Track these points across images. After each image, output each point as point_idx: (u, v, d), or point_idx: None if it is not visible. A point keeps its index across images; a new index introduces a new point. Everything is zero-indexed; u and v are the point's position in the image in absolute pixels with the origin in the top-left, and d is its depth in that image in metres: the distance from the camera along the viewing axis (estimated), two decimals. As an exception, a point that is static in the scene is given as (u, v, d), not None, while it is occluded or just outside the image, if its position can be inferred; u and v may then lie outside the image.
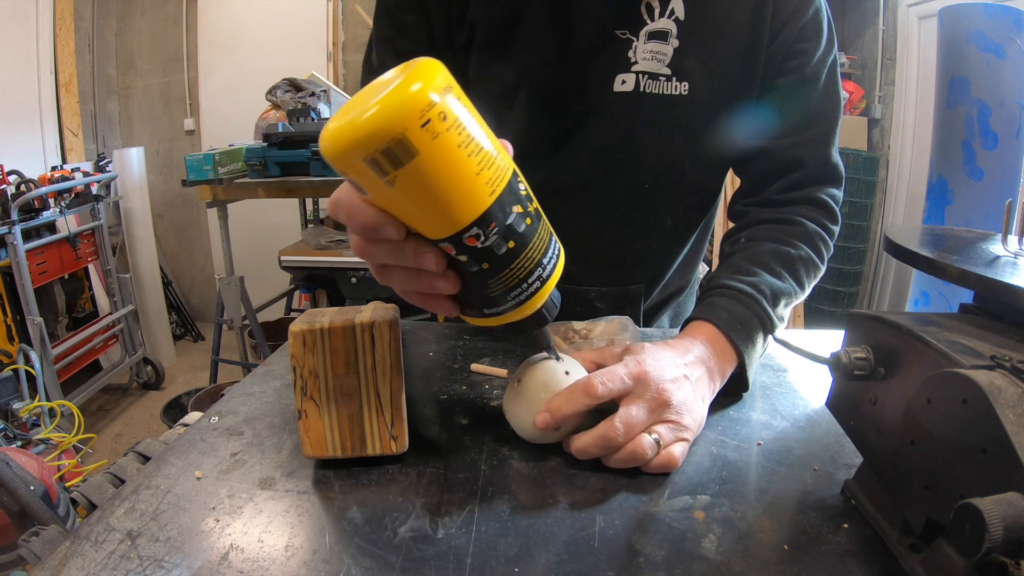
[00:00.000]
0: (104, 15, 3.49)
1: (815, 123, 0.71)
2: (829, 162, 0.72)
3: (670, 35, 0.67)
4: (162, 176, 3.70)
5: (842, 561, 0.39)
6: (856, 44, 3.13)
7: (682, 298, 0.90)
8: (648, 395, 0.49)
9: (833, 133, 0.72)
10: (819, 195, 0.71)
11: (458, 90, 0.36)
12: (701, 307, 0.62)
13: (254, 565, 0.39)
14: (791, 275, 0.65)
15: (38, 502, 1.21)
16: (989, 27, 2.04)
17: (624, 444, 0.47)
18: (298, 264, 2.57)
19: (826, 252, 0.70)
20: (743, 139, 0.72)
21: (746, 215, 0.74)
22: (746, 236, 0.70)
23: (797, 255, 0.66)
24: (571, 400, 0.48)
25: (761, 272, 0.63)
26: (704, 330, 0.58)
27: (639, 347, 0.53)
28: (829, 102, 0.71)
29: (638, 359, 0.51)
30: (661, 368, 0.51)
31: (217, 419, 0.57)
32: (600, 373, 0.49)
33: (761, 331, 0.60)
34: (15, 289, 2.29)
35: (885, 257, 3.07)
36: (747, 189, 0.76)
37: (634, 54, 0.67)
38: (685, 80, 0.68)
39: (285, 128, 2.34)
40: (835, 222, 0.72)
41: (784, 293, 0.63)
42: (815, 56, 0.69)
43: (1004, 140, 2.05)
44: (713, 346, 0.57)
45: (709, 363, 0.56)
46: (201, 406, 2.11)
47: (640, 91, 0.68)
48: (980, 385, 0.31)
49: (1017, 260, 0.41)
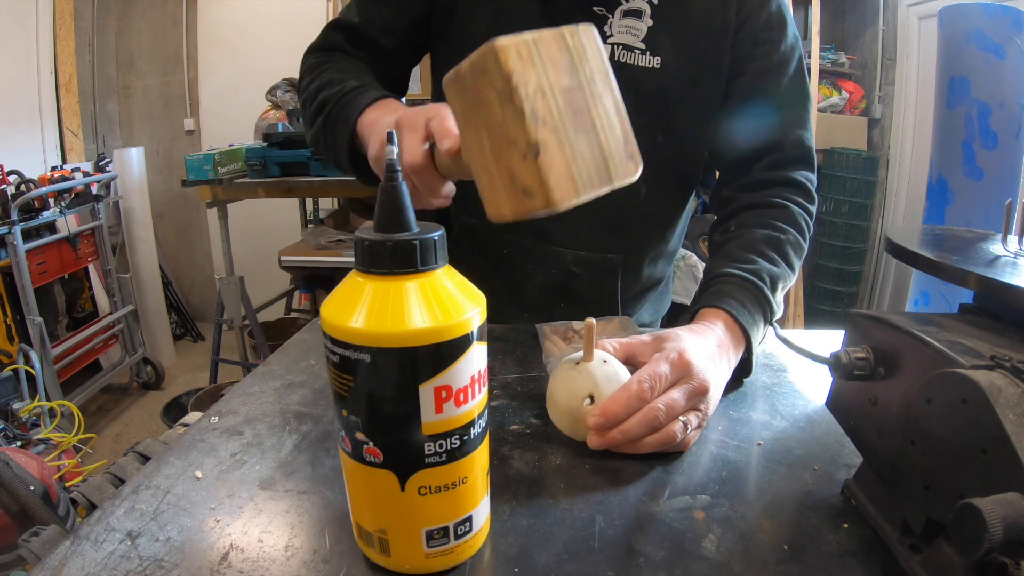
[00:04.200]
0: (104, 15, 3.48)
1: (788, 107, 0.76)
2: (804, 144, 0.77)
3: (644, 14, 0.72)
4: (162, 176, 3.69)
5: (842, 561, 0.39)
6: (856, 44, 3.13)
7: (659, 291, 0.94)
8: (690, 383, 0.51)
9: (805, 119, 0.77)
10: (797, 176, 0.76)
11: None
12: (709, 296, 0.64)
13: (254, 565, 0.39)
14: (783, 259, 0.69)
15: (38, 502, 1.21)
16: (989, 27, 2.04)
17: (664, 426, 0.49)
18: (298, 264, 2.56)
19: (808, 232, 0.75)
20: (713, 116, 0.77)
21: (731, 201, 0.77)
22: (736, 223, 0.74)
23: (786, 239, 0.70)
24: (628, 407, 0.49)
25: (758, 259, 0.67)
26: (719, 318, 0.61)
27: (669, 335, 0.56)
28: (799, 89, 0.76)
29: (679, 349, 0.53)
30: (701, 358, 0.53)
31: (217, 419, 0.57)
32: (647, 375, 0.50)
33: (763, 317, 0.64)
34: (15, 289, 2.29)
35: (885, 257, 3.07)
36: (728, 175, 0.80)
37: (609, 28, 0.72)
38: (658, 55, 0.73)
39: (285, 128, 2.34)
40: (812, 203, 0.77)
41: (780, 278, 0.67)
42: (781, 45, 0.74)
43: (1004, 140, 2.05)
44: (729, 333, 0.60)
45: (729, 351, 0.59)
46: (201, 406, 2.11)
47: (615, 60, 0.72)
48: (980, 385, 0.31)
49: (1017, 260, 0.41)
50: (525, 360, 0.69)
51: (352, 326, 0.33)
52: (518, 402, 0.60)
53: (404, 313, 0.33)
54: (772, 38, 0.73)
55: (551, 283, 0.82)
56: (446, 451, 0.36)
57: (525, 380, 0.64)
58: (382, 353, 0.33)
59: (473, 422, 0.37)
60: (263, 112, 2.70)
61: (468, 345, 0.35)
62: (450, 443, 0.36)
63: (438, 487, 0.36)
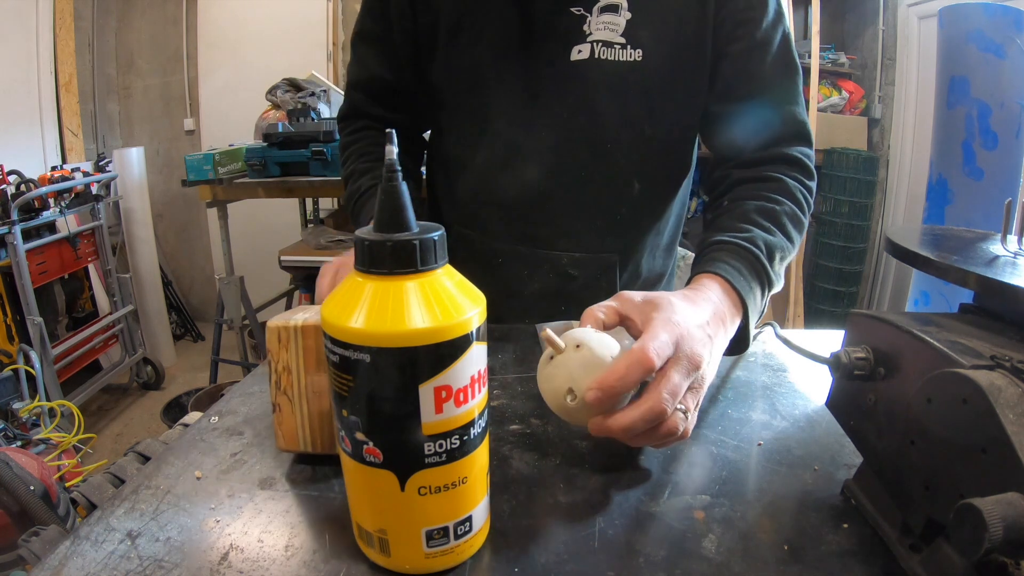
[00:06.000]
0: (104, 15, 3.48)
1: (775, 85, 0.74)
2: (797, 119, 0.74)
3: (621, 8, 0.71)
4: (162, 176, 3.69)
5: (842, 561, 0.39)
6: (856, 44, 3.13)
7: (663, 286, 0.92)
8: (684, 360, 0.46)
9: (795, 94, 0.75)
10: (792, 152, 0.73)
11: None
12: (703, 263, 0.61)
13: (254, 565, 0.39)
14: (780, 229, 0.66)
15: (38, 502, 1.21)
16: (989, 27, 2.04)
17: (670, 416, 0.44)
18: (298, 264, 2.56)
19: (807, 207, 0.72)
20: (701, 103, 0.76)
21: (724, 180, 0.76)
22: (728, 199, 0.72)
23: (782, 210, 0.67)
24: (627, 376, 0.43)
25: (752, 228, 0.64)
26: (715, 282, 0.57)
27: (662, 300, 0.50)
28: (786, 66, 0.74)
29: (672, 319, 0.48)
30: (692, 329, 0.48)
31: (217, 419, 0.57)
32: (651, 342, 0.45)
33: (759, 286, 0.60)
34: (15, 289, 2.29)
35: (885, 257, 3.07)
36: (721, 156, 0.78)
37: (588, 27, 0.72)
38: (639, 48, 0.72)
39: (285, 128, 2.33)
40: (811, 178, 0.74)
41: (777, 247, 0.64)
42: (763, 23, 0.72)
43: (1004, 140, 2.05)
44: (726, 299, 0.56)
45: (724, 320, 0.54)
46: (201, 406, 2.11)
47: (596, 58, 0.72)
48: (980, 385, 0.31)
49: (1017, 260, 0.40)
50: (525, 360, 0.69)
51: (352, 326, 0.33)
52: (518, 402, 0.60)
53: (404, 313, 0.33)
54: (753, 17, 0.72)
55: (548, 287, 0.82)
56: (446, 451, 0.36)
57: (525, 380, 0.64)
58: (382, 353, 0.33)
59: (473, 422, 0.37)
60: (263, 112, 2.69)
61: (468, 345, 0.35)
62: (450, 443, 0.36)
63: (438, 487, 0.36)
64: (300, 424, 0.48)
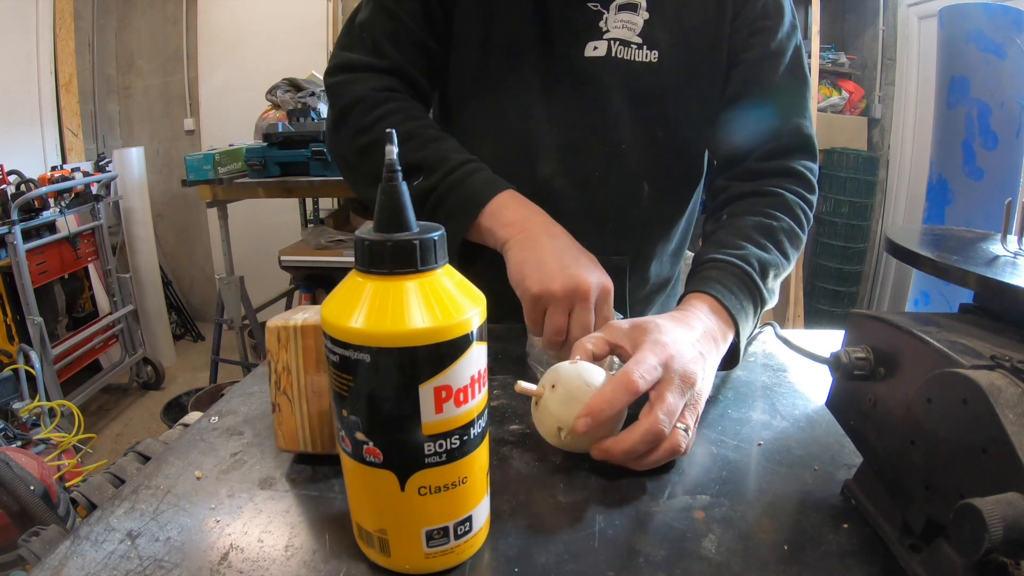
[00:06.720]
0: (104, 15, 3.48)
1: (785, 96, 0.74)
2: (802, 132, 0.74)
3: (640, 8, 0.71)
4: (162, 176, 3.69)
5: (842, 561, 0.39)
6: (856, 44, 3.13)
7: (667, 292, 0.92)
8: (677, 380, 0.48)
9: (804, 107, 0.75)
10: (795, 166, 0.73)
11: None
12: (695, 281, 0.62)
13: (254, 565, 0.39)
14: (775, 246, 0.66)
15: (38, 502, 1.21)
16: (989, 27, 2.04)
17: (668, 436, 0.46)
18: (298, 264, 2.57)
19: (806, 222, 0.72)
20: (714, 110, 0.75)
21: (725, 191, 0.75)
22: (728, 212, 0.72)
23: (779, 227, 0.68)
24: (613, 399, 0.45)
25: (747, 245, 0.65)
26: (704, 303, 0.58)
27: (650, 324, 0.52)
28: (797, 78, 0.74)
29: (660, 341, 0.49)
30: (682, 348, 0.50)
31: (217, 419, 0.57)
32: (636, 366, 0.47)
33: (752, 304, 0.61)
34: (15, 289, 2.29)
35: (885, 257, 3.07)
36: (724, 163, 0.78)
37: (605, 24, 0.71)
38: (655, 49, 0.71)
39: (285, 128, 2.34)
40: (812, 192, 0.74)
41: (771, 265, 0.64)
42: (779, 33, 0.72)
43: (1004, 140, 2.05)
44: (716, 318, 0.57)
45: (716, 337, 0.56)
46: (201, 406, 2.11)
47: (612, 56, 0.72)
48: (980, 385, 0.31)
49: (1017, 260, 0.40)
50: (525, 360, 0.69)
51: (352, 326, 0.33)
52: (518, 402, 0.60)
53: (404, 313, 0.33)
54: (768, 26, 0.72)
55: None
56: (446, 451, 0.36)
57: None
58: (382, 353, 0.33)
59: (473, 422, 0.37)
60: (263, 112, 2.70)
61: (468, 345, 0.35)
62: (450, 443, 0.36)
63: (438, 487, 0.36)
64: (300, 424, 0.48)
